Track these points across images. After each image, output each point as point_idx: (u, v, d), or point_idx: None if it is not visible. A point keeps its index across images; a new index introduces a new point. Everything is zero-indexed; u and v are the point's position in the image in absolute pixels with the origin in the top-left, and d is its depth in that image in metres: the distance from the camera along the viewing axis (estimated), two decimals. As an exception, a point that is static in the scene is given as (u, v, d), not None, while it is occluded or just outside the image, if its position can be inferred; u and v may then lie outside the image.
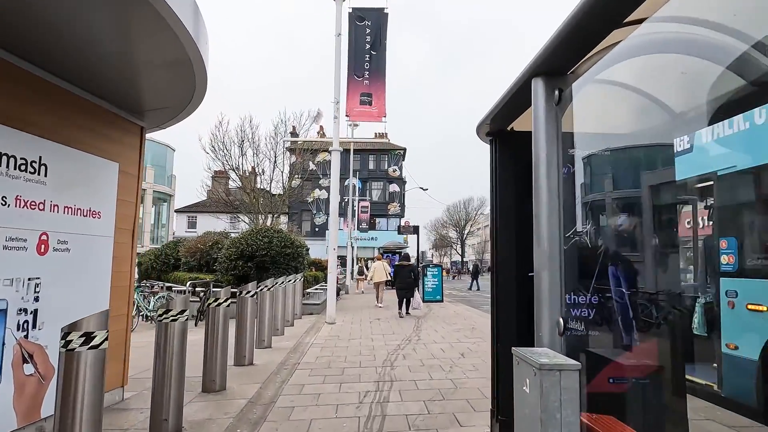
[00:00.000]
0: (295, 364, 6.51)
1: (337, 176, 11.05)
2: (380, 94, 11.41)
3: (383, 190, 48.46)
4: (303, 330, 9.82)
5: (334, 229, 11.00)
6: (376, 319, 11.51)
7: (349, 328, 10.10)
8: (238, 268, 13.29)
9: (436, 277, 16.08)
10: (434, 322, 10.74)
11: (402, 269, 12.95)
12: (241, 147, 22.45)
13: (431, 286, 16.02)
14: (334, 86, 11.15)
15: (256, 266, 13.38)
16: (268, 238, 13.56)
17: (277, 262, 13.36)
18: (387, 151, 49.28)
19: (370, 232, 44.53)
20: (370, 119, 11.33)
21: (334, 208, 11.04)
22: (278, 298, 9.37)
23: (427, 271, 16.09)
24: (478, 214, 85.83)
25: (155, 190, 33.84)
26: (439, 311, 13.32)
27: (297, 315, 11.79)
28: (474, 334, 8.78)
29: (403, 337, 8.57)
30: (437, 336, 8.69)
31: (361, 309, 14.66)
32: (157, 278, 17.55)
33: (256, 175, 23.82)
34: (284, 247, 13.54)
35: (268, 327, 7.97)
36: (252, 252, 13.32)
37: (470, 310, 13.79)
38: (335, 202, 11.04)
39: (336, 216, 11.03)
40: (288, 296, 10.57)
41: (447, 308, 14.29)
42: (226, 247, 13.89)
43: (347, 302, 16.99)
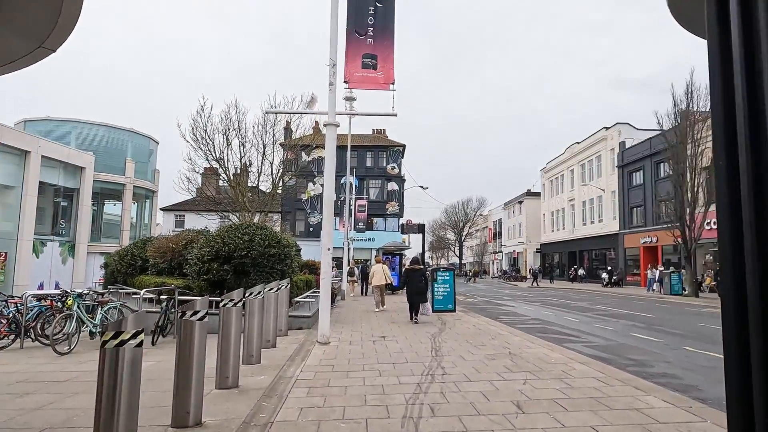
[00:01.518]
0: (266, 426, 4.20)
1: (333, 157, 8.75)
2: (387, 56, 9.12)
3: (381, 188, 46.19)
4: (287, 354, 7.50)
5: (329, 223, 8.71)
6: (380, 337, 9.20)
7: (347, 351, 7.79)
8: (212, 272, 10.95)
9: (448, 283, 13.79)
10: (456, 343, 8.45)
11: (414, 273, 11.93)
12: (227, 136, 20.10)
13: (442, 293, 13.73)
14: (330, 45, 8.87)
15: (234, 270, 11.05)
16: (248, 236, 11.23)
17: (260, 264, 11.03)
18: (385, 148, 47.03)
19: (368, 233, 42.19)
20: (375, 86, 9.05)
21: (329, 197, 8.74)
22: (254, 313, 7.06)
23: (438, 275, 13.80)
24: (477, 215, 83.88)
25: (136, 185, 31.41)
26: (456, 325, 11.03)
27: (282, 331, 9.47)
28: (518, 365, 6.49)
29: (421, 369, 6.28)
30: (468, 367, 6.40)
31: (361, 319, 12.36)
32: (123, 282, 15.19)
33: (248, 172, 21.44)
34: (268, 246, 11.22)
35: (234, 357, 5.66)
36: (229, 252, 10.99)
37: (493, 324, 11.50)
38: (330, 191, 8.75)
39: (331, 208, 8.74)
40: (269, 309, 8.25)
41: (463, 320, 12.00)
42: (199, 247, 11.55)
43: (344, 310, 14.69)
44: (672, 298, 23.58)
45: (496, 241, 77.35)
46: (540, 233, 59.21)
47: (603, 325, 12.82)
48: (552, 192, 56.09)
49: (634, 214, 39.03)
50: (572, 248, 49.63)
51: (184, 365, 4.37)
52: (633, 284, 37.18)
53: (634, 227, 38.32)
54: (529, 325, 12.56)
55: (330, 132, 8.81)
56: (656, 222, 35.25)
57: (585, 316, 15.08)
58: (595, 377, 5.66)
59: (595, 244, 44.82)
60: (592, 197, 45.53)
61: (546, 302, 21.20)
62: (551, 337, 9.95)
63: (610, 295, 26.28)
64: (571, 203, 50.33)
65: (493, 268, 76.38)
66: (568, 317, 14.79)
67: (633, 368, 7.01)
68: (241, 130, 20.39)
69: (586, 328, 12.04)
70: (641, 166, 37.36)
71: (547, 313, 16.01)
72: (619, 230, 40.24)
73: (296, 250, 15.79)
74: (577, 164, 48.78)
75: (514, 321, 13.34)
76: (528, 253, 62.66)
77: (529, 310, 17.46)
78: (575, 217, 49.22)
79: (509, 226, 70.86)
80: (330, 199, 8.73)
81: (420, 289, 11.70)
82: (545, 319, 14.11)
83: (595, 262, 44.44)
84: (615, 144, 41.49)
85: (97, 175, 28.90)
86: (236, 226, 11.66)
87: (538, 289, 34.22)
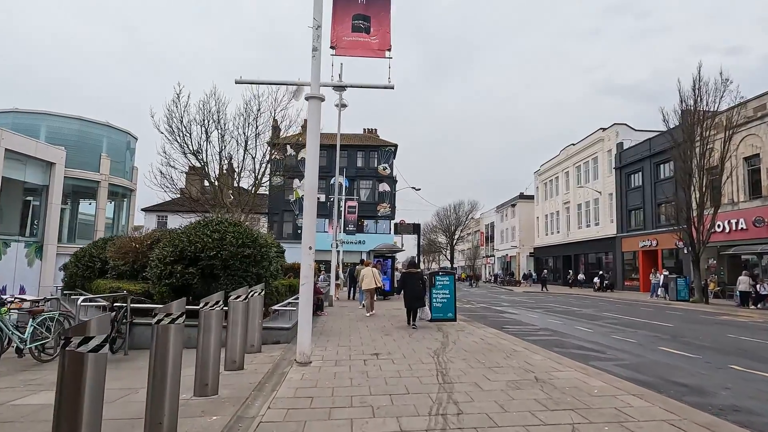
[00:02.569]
0: None
1: (317, 136, 7.23)
2: (383, 18, 7.65)
3: (372, 189, 44.67)
4: (255, 381, 5.93)
5: (311, 217, 7.18)
6: (372, 354, 7.66)
7: (331, 374, 6.25)
8: (176, 276, 9.33)
9: (448, 289, 12.28)
10: (465, 363, 6.94)
11: (411, 277, 11.33)
12: (206, 128, 18.43)
13: (441, 299, 12.21)
14: (314, 4, 7.36)
15: (202, 273, 9.44)
16: (219, 234, 9.64)
17: (231, 267, 9.43)
18: (377, 148, 45.55)
19: (358, 235, 40.64)
20: (367, 53, 7.55)
21: (311, 185, 7.21)
22: (210, 329, 5.49)
23: (437, 280, 12.28)
24: (469, 219, 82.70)
25: (112, 183, 29.52)
26: (460, 337, 9.52)
27: (254, 347, 7.89)
28: (554, 399, 4.97)
29: (428, 405, 4.76)
30: (488, 401, 4.89)
31: (350, 329, 10.80)
32: (81, 287, 13.48)
33: (232, 169, 19.79)
34: (242, 246, 9.63)
35: (172, 394, 4.08)
36: (196, 252, 9.38)
37: (503, 337, 10.00)
38: (313, 177, 7.22)
39: (314, 199, 7.21)
40: (235, 322, 6.68)
41: (467, 331, 10.50)
42: (161, 246, 9.92)
43: (330, 319, 13.12)
44: (679, 304, 22.34)
45: (489, 245, 76.20)
46: (533, 237, 58.08)
47: (622, 336, 11.41)
48: (546, 195, 55.02)
49: (632, 216, 37.95)
50: (567, 252, 48.50)
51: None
52: (632, 289, 36.04)
53: (633, 230, 37.22)
54: (541, 337, 11.10)
55: (313, 107, 7.28)
56: (656, 225, 34.19)
57: (597, 326, 13.67)
58: (666, 420, 4.18)
59: (592, 247, 43.69)
60: (588, 200, 44.46)
61: (548, 309, 19.80)
62: (573, 354, 8.49)
63: (614, 301, 24.98)
64: (566, 206, 49.25)
65: (485, 272, 75.15)
66: (579, 327, 13.37)
67: (691, 398, 5.56)
68: (220, 122, 18.77)
69: (604, 341, 10.62)
70: (640, 168, 36.31)
71: (554, 322, 14.58)
72: (617, 233, 39.14)
73: (278, 252, 14.21)
74: (572, 166, 47.73)
75: (523, 332, 11.88)
76: (521, 257, 61.51)
77: (533, 318, 16.02)
78: (570, 221, 48.12)
79: (502, 229, 69.72)
80: (312, 188, 7.20)
81: (418, 294, 11.24)
82: (555, 329, 12.67)
83: (591, 267, 43.23)
84: (612, 145, 40.46)
85: (69, 172, 27.00)
86: (205, 222, 10.05)
87: (537, 295, 32.88)
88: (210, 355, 5.37)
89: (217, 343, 5.47)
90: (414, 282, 11.20)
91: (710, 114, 22.37)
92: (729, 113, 22.24)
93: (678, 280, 24.13)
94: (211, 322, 5.49)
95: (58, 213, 26.23)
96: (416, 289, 11.19)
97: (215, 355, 5.43)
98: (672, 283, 24.38)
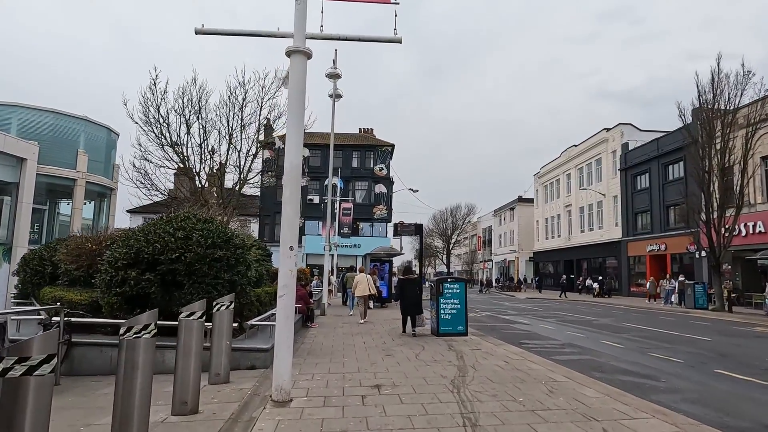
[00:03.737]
0: None
1: (302, 101, 5.53)
2: (387, -46, 5.95)
3: (368, 190, 42.95)
4: (207, 436, 4.18)
5: (292, 207, 5.46)
6: (372, 387, 5.92)
7: (317, 422, 4.51)
8: (129, 283, 7.57)
9: (458, 298, 10.54)
10: (498, 403, 5.22)
11: (408, 284, 10.92)
12: (186, 118, 16.66)
13: (450, 311, 10.48)
14: (299, -66, 5.67)
15: (162, 280, 7.68)
16: (183, 232, 7.88)
17: (198, 272, 7.67)
18: (373, 148, 43.89)
19: (353, 238, 38.88)
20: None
21: (293, 163, 5.49)
22: (135, 366, 3.74)
23: (445, 287, 10.55)
24: (466, 223, 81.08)
25: (89, 181, 27.60)
26: (479, 359, 7.80)
27: (220, 376, 6.13)
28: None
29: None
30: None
31: (344, 347, 9.04)
32: (33, 295, 11.65)
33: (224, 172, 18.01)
34: (212, 246, 7.87)
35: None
36: (154, 254, 7.63)
37: (529, 357, 8.28)
38: (296, 153, 5.49)
39: (296, 180, 5.49)
40: (188, 348, 4.94)
41: (484, 349, 8.78)
42: (113, 248, 8.15)
43: (321, 332, 11.34)
44: (698, 313, 20.76)
45: (486, 249, 74.57)
46: (533, 241, 56.54)
47: (662, 354, 9.73)
48: (546, 198, 53.53)
49: (638, 220, 36.44)
50: (569, 256, 46.96)
51: None
52: (639, 295, 34.43)
53: (639, 234, 35.70)
54: (570, 356, 9.40)
55: (297, 63, 5.57)
56: (665, 228, 32.70)
57: (624, 339, 12.01)
58: None
59: (595, 252, 42.16)
60: (591, 202, 42.97)
61: (561, 318, 18.13)
62: (621, 382, 6.81)
63: (629, 309, 23.35)
64: (567, 209, 47.75)
65: (482, 276, 73.45)
66: (606, 341, 11.69)
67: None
68: (202, 112, 17.00)
69: (646, 361, 8.94)
70: (647, 169, 34.84)
71: (575, 335, 12.90)
72: (622, 237, 37.62)
73: (262, 254, 12.46)
74: (574, 168, 46.27)
75: (547, 349, 10.18)
76: (520, 262, 59.94)
77: (549, 329, 14.33)
78: (572, 224, 46.60)
79: (500, 233, 68.18)
80: (294, 168, 5.47)
81: (416, 300, 10.89)
82: (581, 345, 10.98)
83: (593, 272, 41.63)
84: (617, 146, 39.02)
85: (43, 169, 25.11)
86: (168, 218, 8.28)
87: (542, 301, 31.24)
88: (134, 406, 3.62)
89: (144, 389, 3.71)
90: (412, 289, 10.89)
91: (731, 109, 20.87)
92: (752, 107, 20.75)
93: (696, 286, 22.55)
94: (138, 358, 3.73)
95: (29, 213, 24.30)
96: (414, 296, 10.86)
97: (143, 404, 3.68)
98: (689, 289, 22.78)
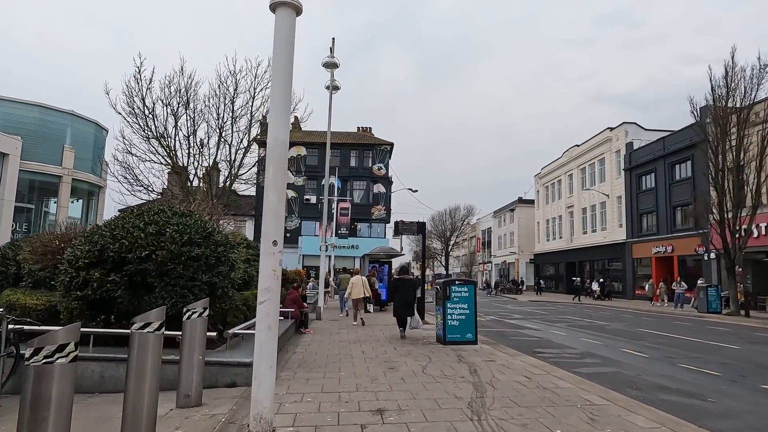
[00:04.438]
0: None
1: (289, 60, 4.51)
2: None
3: (366, 190, 41.92)
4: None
5: (276, 192, 4.45)
6: (373, 412, 4.90)
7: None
8: (92, 285, 6.53)
9: (467, 302, 9.52)
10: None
11: (402, 284, 10.88)
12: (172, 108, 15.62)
13: (458, 316, 9.46)
14: None
15: (130, 282, 6.65)
16: (156, 227, 6.85)
17: (171, 273, 6.63)
18: (371, 146, 42.88)
19: (351, 239, 37.90)
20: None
21: (278, 135, 4.47)
22: (61, 407, 2.71)
23: (452, 291, 9.53)
24: (465, 224, 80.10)
25: (76, 179, 26.50)
26: (496, 374, 6.78)
27: (191, 398, 5.10)
28: None
29: None
30: None
31: (340, 357, 8.01)
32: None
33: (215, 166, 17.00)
34: (188, 244, 6.84)
35: None
36: (121, 252, 6.59)
37: (552, 371, 7.26)
38: (282, 125, 4.48)
39: (282, 158, 4.48)
40: (142, 369, 3.90)
41: (500, 362, 7.76)
42: (76, 245, 7.11)
43: (316, 338, 10.31)
44: (713, 317, 19.79)
45: (485, 251, 73.60)
46: (533, 243, 55.59)
47: (692, 364, 8.74)
48: (548, 199, 52.61)
49: (644, 221, 35.51)
50: (570, 259, 46.01)
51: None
52: (643, 298, 33.46)
53: (645, 235, 34.77)
54: (593, 368, 8.39)
55: (284, 19, 4.55)
56: (671, 230, 31.77)
57: (647, 348, 11.03)
58: None
59: (598, 254, 41.22)
60: (594, 203, 42.05)
61: (570, 323, 17.13)
62: (664, 403, 5.81)
63: (638, 313, 22.37)
64: (569, 210, 46.82)
65: (481, 279, 72.43)
66: (627, 350, 10.69)
67: None
68: (191, 103, 15.99)
69: (678, 374, 7.94)
70: (652, 168, 33.93)
71: (592, 342, 11.90)
72: (627, 239, 36.69)
73: (251, 254, 11.41)
74: (576, 168, 45.36)
75: (565, 359, 9.17)
76: (520, 264, 58.96)
77: (562, 336, 13.32)
78: (574, 226, 45.67)
79: (499, 235, 67.21)
80: (281, 146, 4.46)
81: (409, 302, 10.71)
82: (602, 355, 9.97)
83: (596, 274, 40.65)
84: (621, 145, 38.13)
85: (26, 165, 24.03)
86: (139, 211, 7.24)
87: (545, 305, 30.26)
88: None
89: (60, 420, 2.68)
90: (406, 289, 10.71)
91: (747, 104, 19.96)
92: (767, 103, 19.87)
93: (709, 289, 21.59)
94: (48, 387, 2.69)
95: (12, 211, 23.20)
96: (407, 296, 10.66)
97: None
98: (701, 293, 21.82)
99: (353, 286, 13.65)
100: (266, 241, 4.40)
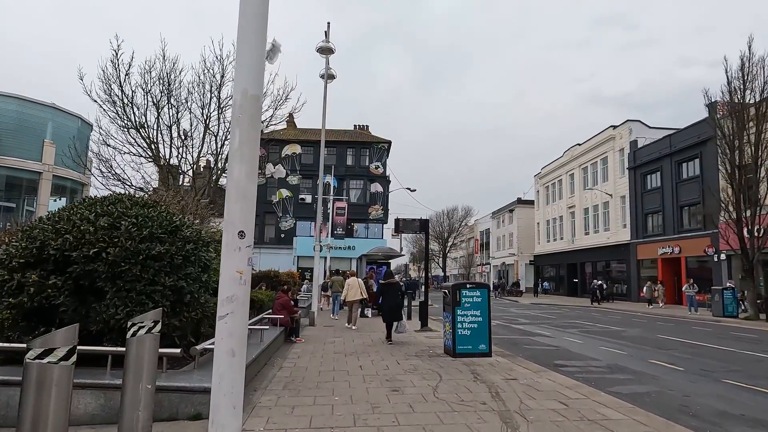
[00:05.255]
0: None
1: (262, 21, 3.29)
2: None
3: (363, 189, 40.70)
4: None
5: (248, 164, 3.23)
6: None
7: None
8: (28, 291, 5.28)
9: (480, 309, 8.32)
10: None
11: (390, 288, 11.02)
12: (153, 96, 14.38)
13: (470, 324, 8.26)
14: None
15: (75, 286, 5.41)
16: (109, 219, 5.61)
17: (125, 275, 5.39)
18: (368, 144, 41.68)
19: (347, 240, 36.66)
20: None
21: (250, 96, 3.26)
22: None
23: (463, 295, 8.33)
24: (463, 225, 79.00)
25: (57, 175, 25.17)
26: (524, 399, 5.58)
27: (134, 440, 3.87)
28: None
29: None
30: None
31: (334, 374, 6.77)
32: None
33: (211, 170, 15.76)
34: (148, 239, 5.60)
35: None
36: (64, 250, 5.35)
37: (592, 395, 6.07)
38: (253, 84, 3.27)
39: (252, 127, 3.26)
40: (42, 412, 2.67)
41: (524, 381, 6.55)
42: (12, 243, 5.87)
43: (308, 349, 9.07)
44: (731, 321, 18.71)
45: (484, 253, 72.48)
46: (533, 244, 54.52)
47: (741, 381, 7.58)
48: (548, 199, 51.58)
49: (649, 221, 34.46)
50: (572, 260, 44.95)
51: None
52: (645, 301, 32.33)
53: (650, 236, 33.72)
54: (628, 385, 7.20)
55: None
56: (678, 230, 30.73)
57: (676, 358, 9.86)
58: None
59: (601, 255, 40.15)
60: (597, 203, 41.00)
61: (582, 328, 15.97)
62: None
63: (652, 318, 21.21)
64: (570, 211, 45.77)
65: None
66: (656, 361, 9.51)
67: None
68: (173, 91, 14.75)
69: (731, 393, 6.78)
70: (658, 167, 32.89)
71: (615, 353, 10.72)
72: (631, 240, 35.63)
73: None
74: (578, 168, 44.32)
75: (593, 375, 7.98)
76: (519, 265, 57.86)
77: (578, 344, 12.14)
78: (576, 226, 44.62)
79: (498, 236, 66.10)
80: (250, 102, 3.26)
81: (397, 306, 10.92)
82: (633, 369, 8.78)
83: (599, 276, 39.57)
84: (625, 143, 37.11)
85: (3, 160, 22.72)
86: (89, 201, 6.01)
87: (549, 308, 29.10)
88: None
89: None
90: (393, 293, 10.87)
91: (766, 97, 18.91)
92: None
93: (724, 292, 20.51)
94: None
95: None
96: (395, 301, 10.84)
97: None
98: (717, 295, 20.73)
99: (349, 288, 13.38)
100: (230, 232, 3.18)
